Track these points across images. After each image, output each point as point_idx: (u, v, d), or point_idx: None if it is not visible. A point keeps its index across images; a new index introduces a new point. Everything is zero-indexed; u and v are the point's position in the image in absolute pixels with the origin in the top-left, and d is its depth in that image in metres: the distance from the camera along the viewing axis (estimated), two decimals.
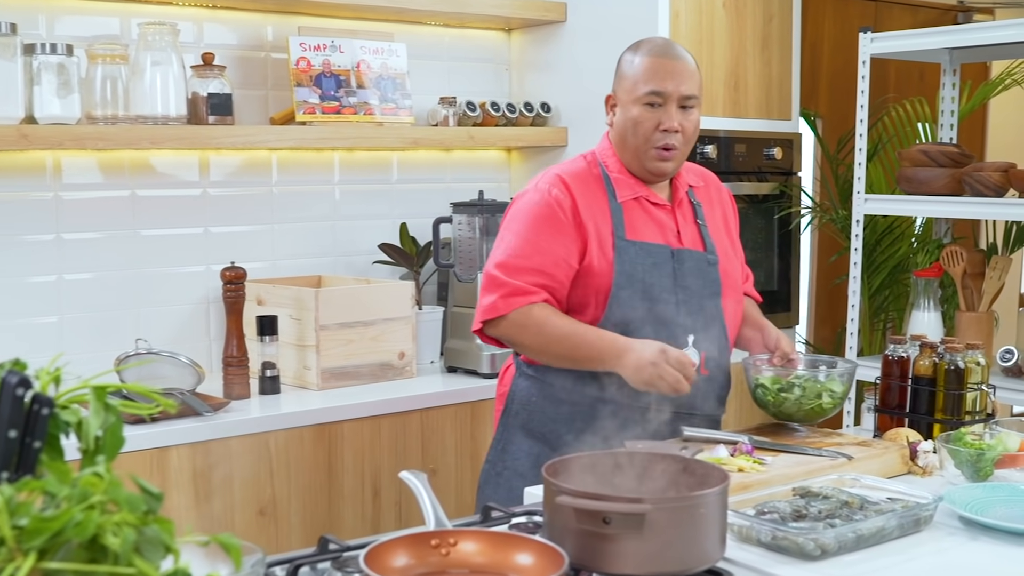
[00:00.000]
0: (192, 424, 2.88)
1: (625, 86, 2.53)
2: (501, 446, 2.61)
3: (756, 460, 2.24)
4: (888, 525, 1.90)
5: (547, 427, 2.53)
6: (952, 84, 3.93)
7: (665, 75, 2.49)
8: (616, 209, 2.51)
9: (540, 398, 2.55)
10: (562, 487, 1.67)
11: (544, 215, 2.48)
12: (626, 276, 2.47)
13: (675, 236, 2.56)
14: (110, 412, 1.34)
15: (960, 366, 2.52)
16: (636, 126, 2.50)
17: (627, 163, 2.56)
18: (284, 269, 3.70)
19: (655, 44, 2.55)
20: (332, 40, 3.58)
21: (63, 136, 3.01)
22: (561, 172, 2.55)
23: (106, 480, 1.20)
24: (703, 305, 2.55)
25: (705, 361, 2.53)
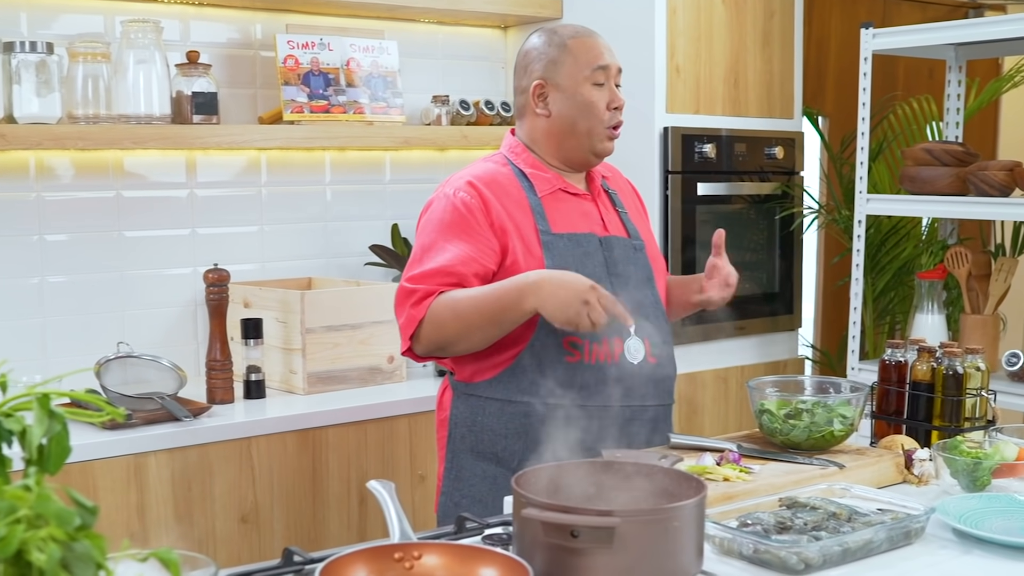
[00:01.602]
0: (171, 429, 2.82)
1: (566, 70, 2.43)
2: (454, 475, 2.49)
3: (743, 469, 2.16)
4: (876, 538, 1.83)
5: (498, 444, 2.42)
6: (958, 81, 3.85)
7: (603, 51, 2.45)
8: (536, 204, 2.42)
9: (484, 416, 2.43)
10: (529, 499, 1.60)
11: (450, 220, 2.38)
12: (557, 269, 2.35)
13: (600, 225, 2.48)
14: (55, 420, 1.29)
15: (959, 371, 2.44)
16: (590, 107, 2.43)
17: (567, 151, 2.47)
18: (274, 271, 3.64)
19: (574, 27, 2.50)
20: (321, 38, 3.52)
21: (42, 136, 2.95)
22: (469, 175, 2.45)
23: (35, 493, 1.14)
24: (639, 292, 2.47)
25: (650, 349, 2.43)
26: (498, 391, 2.40)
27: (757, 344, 4.06)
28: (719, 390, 3.92)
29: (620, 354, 2.38)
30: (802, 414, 2.30)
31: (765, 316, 4.05)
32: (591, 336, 2.34)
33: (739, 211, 3.95)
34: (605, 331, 2.31)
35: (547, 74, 2.45)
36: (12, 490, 1.13)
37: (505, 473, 2.37)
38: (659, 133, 3.69)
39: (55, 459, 1.28)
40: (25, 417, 1.25)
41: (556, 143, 2.48)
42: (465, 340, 2.34)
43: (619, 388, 2.38)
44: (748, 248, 4.00)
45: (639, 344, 2.40)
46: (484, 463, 2.44)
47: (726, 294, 2.56)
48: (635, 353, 2.39)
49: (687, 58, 3.73)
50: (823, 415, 2.29)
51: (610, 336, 2.36)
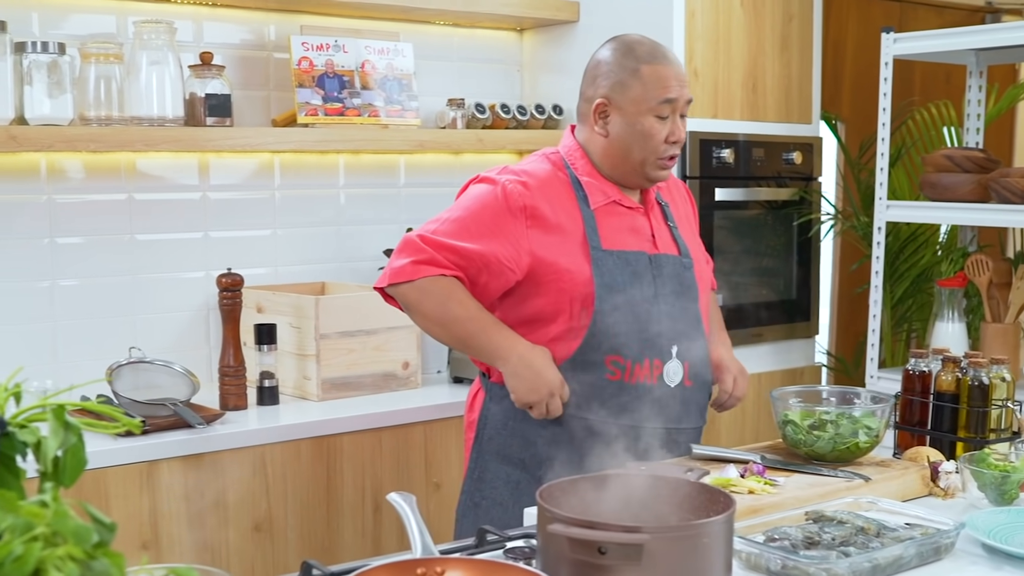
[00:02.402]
0: (184, 436, 2.78)
1: (631, 95, 2.37)
2: (476, 475, 2.48)
3: (768, 481, 2.12)
4: (906, 554, 1.79)
5: (527, 451, 2.41)
6: (979, 87, 3.81)
7: (674, 82, 2.38)
8: (588, 216, 2.39)
9: (516, 420, 2.41)
10: (556, 513, 1.56)
11: (491, 208, 2.34)
12: (606, 288, 2.34)
13: (650, 241, 2.45)
14: (71, 432, 1.26)
15: (984, 382, 2.40)
16: (647, 139, 2.38)
17: (620, 172, 2.43)
18: (287, 276, 3.60)
19: (652, 47, 2.41)
20: (336, 40, 3.48)
21: (54, 138, 2.92)
22: (525, 172, 2.40)
23: (52, 510, 1.11)
24: (683, 312, 2.44)
25: (688, 372, 2.42)
26: None
27: (774, 351, 4.02)
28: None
29: (659, 376, 2.38)
30: (826, 425, 2.27)
31: (782, 323, 4.01)
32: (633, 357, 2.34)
33: (756, 217, 3.91)
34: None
35: (612, 94, 2.39)
36: (28, 507, 1.10)
37: (528, 479, 2.37)
38: None
39: (71, 472, 1.25)
40: (40, 428, 1.22)
41: (610, 163, 2.43)
42: (429, 326, 2.39)
43: (654, 409, 2.37)
44: (765, 254, 3.96)
45: (678, 367, 2.40)
46: (509, 467, 2.43)
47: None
48: (673, 376, 2.40)
49: (705, 62, 3.69)
50: (848, 426, 2.26)
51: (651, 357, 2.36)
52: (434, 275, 2.30)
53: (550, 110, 3.91)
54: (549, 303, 2.36)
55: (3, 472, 1.19)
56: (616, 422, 2.33)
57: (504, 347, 2.31)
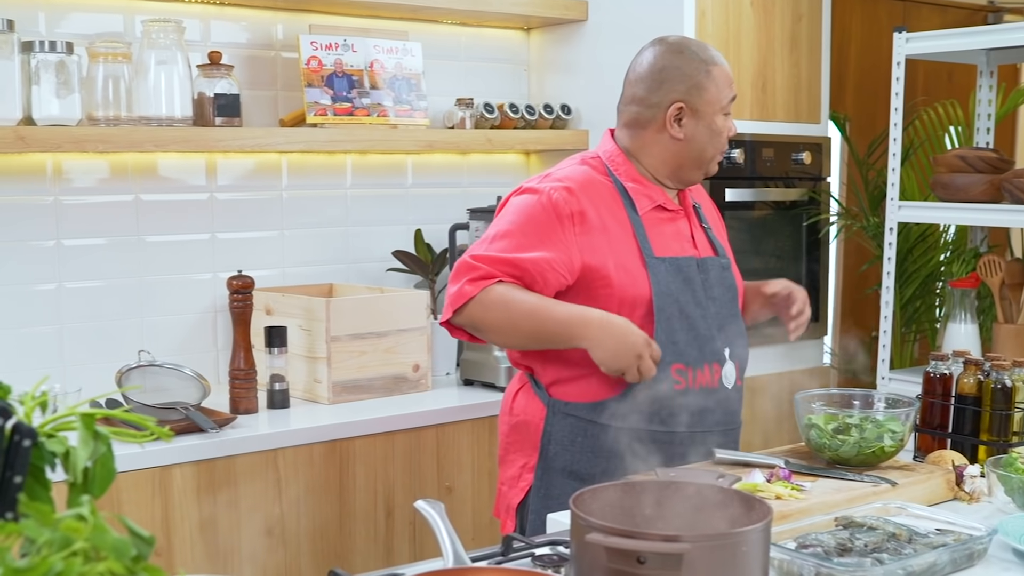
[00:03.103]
0: (196, 441, 2.75)
1: (708, 97, 2.40)
2: (543, 492, 2.43)
3: (794, 486, 2.10)
4: (940, 560, 1.77)
5: (597, 467, 2.37)
6: (989, 86, 3.79)
7: (731, 81, 2.46)
8: (637, 223, 2.39)
9: (586, 438, 2.39)
10: (592, 522, 1.53)
11: (538, 218, 2.33)
12: (663, 296, 2.35)
13: (691, 243, 2.47)
14: (100, 441, 1.23)
15: (1007, 384, 2.38)
16: (718, 137, 2.42)
17: (680, 173, 2.46)
18: (294, 277, 3.56)
19: (705, 47, 2.46)
20: (344, 39, 3.45)
21: (62, 138, 2.88)
22: (569, 178, 2.39)
23: (91, 523, 1.08)
24: (730, 313, 2.48)
25: (739, 372, 2.47)
26: (604, 416, 2.36)
27: (783, 352, 4.00)
28: (745, 398, 3.84)
29: (719, 380, 2.41)
30: (851, 429, 2.25)
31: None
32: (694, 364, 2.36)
33: (766, 217, 3.89)
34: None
35: (688, 97, 2.40)
36: (68, 521, 1.07)
37: None
38: None
39: (100, 482, 1.23)
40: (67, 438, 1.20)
41: (677, 164, 2.44)
42: (502, 336, 2.36)
43: (718, 413, 2.40)
44: (774, 255, 3.93)
45: (732, 368, 2.44)
46: (577, 483, 2.33)
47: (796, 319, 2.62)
48: (730, 377, 2.44)
49: None
50: (873, 430, 2.24)
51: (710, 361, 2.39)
52: (490, 285, 2.28)
53: (558, 110, 3.88)
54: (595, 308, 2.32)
55: (32, 484, 1.16)
56: (687, 431, 2.35)
57: (578, 322, 2.26)
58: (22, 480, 1.12)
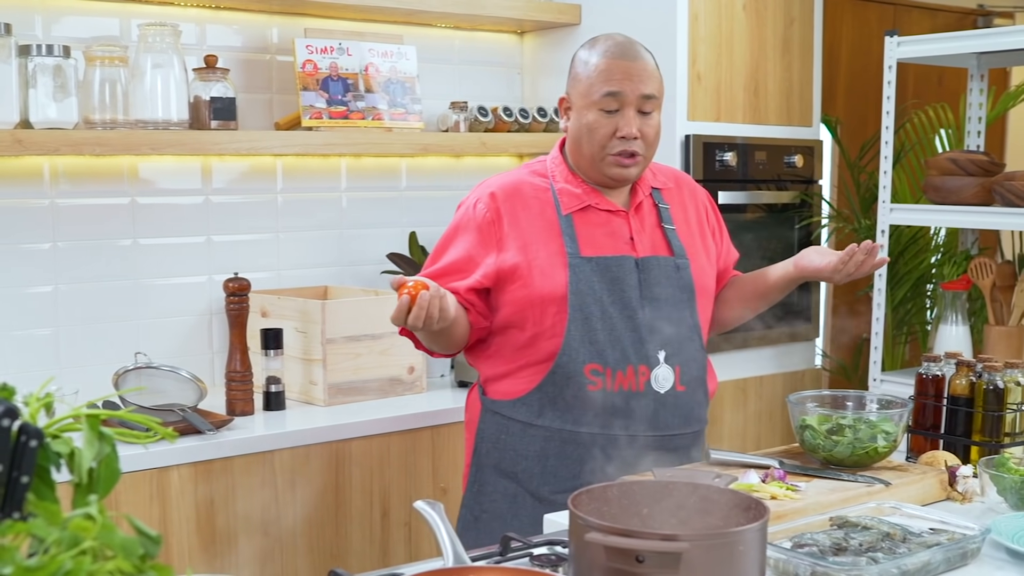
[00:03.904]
0: (193, 443, 2.76)
1: (579, 89, 2.38)
2: (476, 488, 2.47)
3: (789, 487, 2.12)
4: (934, 559, 1.79)
5: (519, 465, 2.40)
6: (980, 90, 3.81)
7: (622, 76, 2.34)
8: (565, 223, 2.38)
9: (508, 435, 2.41)
10: (591, 522, 1.55)
11: (463, 228, 2.43)
12: (580, 295, 2.34)
13: (628, 243, 2.41)
14: (104, 442, 1.24)
15: (999, 385, 2.40)
16: (591, 132, 2.36)
17: (583, 169, 2.43)
18: (289, 279, 3.57)
19: (612, 43, 2.39)
20: (339, 42, 3.46)
21: (59, 141, 2.89)
22: (495, 185, 2.45)
23: (99, 523, 1.09)
24: (675, 315, 2.41)
25: (680, 376, 2.40)
26: (521, 413, 2.39)
27: (775, 354, 4.02)
28: (737, 400, 3.87)
29: (646, 383, 2.35)
30: (845, 430, 2.26)
31: (782, 326, 4.01)
32: (614, 364, 2.33)
33: (758, 220, 3.91)
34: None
35: (569, 90, 2.43)
36: (76, 520, 1.08)
37: (524, 493, 2.38)
38: (680, 141, 3.64)
39: (105, 483, 1.24)
40: (72, 439, 1.21)
41: (575, 160, 2.45)
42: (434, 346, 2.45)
43: (642, 418, 2.34)
44: (766, 257, 3.94)
45: (668, 373, 2.37)
46: (506, 480, 2.42)
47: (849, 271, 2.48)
48: (663, 382, 2.37)
49: (708, 65, 3.69)
50: (866, 431, 2.25)
51: (636, 363, 2.34)
52: None
53: (552, 113, 3.89)
54: (516, 310, 2.37)
55: (38, 484, 1.17)
56: (604, 432, 2.33)
57: None
58: (29, 480, 1.12)
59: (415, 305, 2.17)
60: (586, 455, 2.31)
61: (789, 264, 2.54)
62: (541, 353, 2.36)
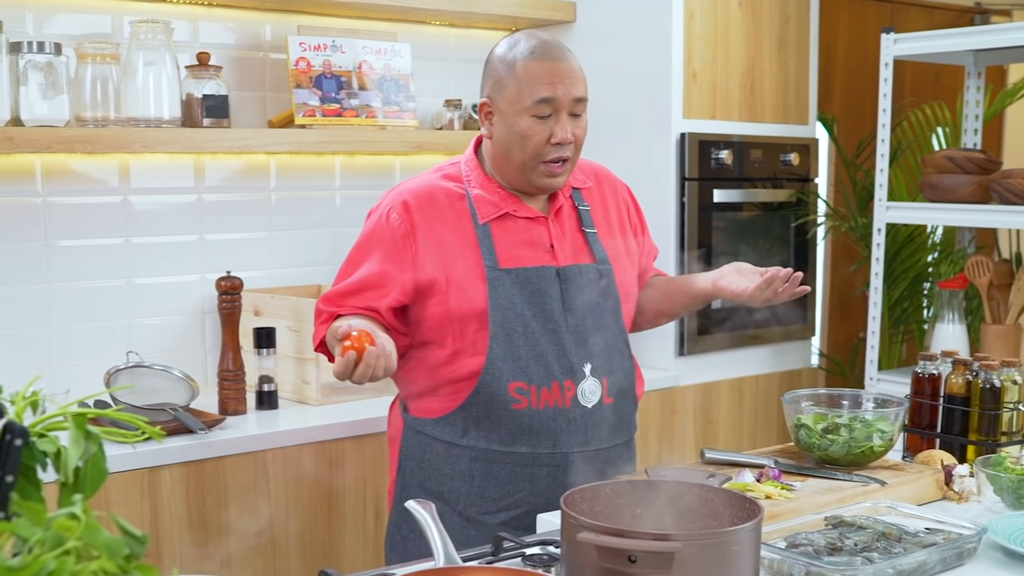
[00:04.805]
0: (185, 442, 2.74)
1: (507, 94, 2.22)
2: (401, 507, 2.34)
3: (784, 486, 2.11)
4: (930, 559, 1.78)
5: (445, 485, 2.29)
6: (977, 87, 3.80)
7: (555, 79, 2.20)
8: (481, 233, 2.26)
9: (432, 455, 2.30)
10: (583, 522, 1.54)
11: (376, 240, 2.28)
12: (501, 310, 2.22)
13: (548, 252, 2.29)
14: (91, 441, 1.23)
15: (996, 384, 2.39)
16: (524, 140, 2.21)
17: (508, 176, 2.29)
18: (283, 278, 3.56)
19: (537, 42, 2.24)
20: (333, 40, 3.45)
21: (50, 139, 2.87)
22: (408, 191, 2.30)
23: (83, 522, 1.08)
24: (600, 324, 2.30)
25: (608, 388, 2.30)
26: (445, 433, 2.28)
27: (771, 353, 4.01)
28: (733, 399, 3.86)
29: (572, 398, 2.25)
30: (840, 429, 2.25)
31: (778, 325, 4.00)
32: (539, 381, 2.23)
33: (754, 218, 3.90)
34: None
35: (492, 93, 2.26)
36: (60, 520, 1.07)
37: (451, 512, 2.27)
38: (676, 139, 3.63)
39: (91, 482, 1.23)
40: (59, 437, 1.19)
41: (498, 167, 2.30)
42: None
43: (570, 434, 2.25)
44: (763, 256, 3.94)
45: (595, 386, 2.28)
46: (432, 499, 2.26)
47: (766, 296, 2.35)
48: (590, 396, 2.27)
49: (704, 63, 3.67)
50: (862, 430, 2.24)
51: (561, 379, 2.24)
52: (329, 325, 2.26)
53: None
54: (435, 325, 2.26)
55: (23, 483, 1.16)
56: (532, 451, 2.23)
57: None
58: (14, 479, 1.12)
59: (362, 363, 2.01)
60: (514, 474, 2.23)
61: (708, 281, 2.43)
62: (463, 371, 2.24)
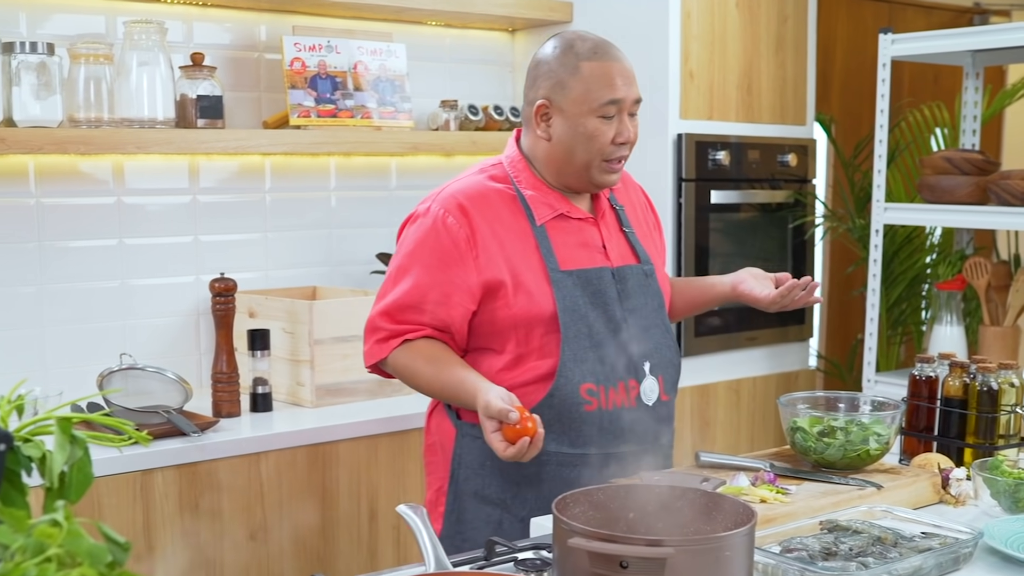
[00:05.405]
0: (178, 445, 2.73)
1: (573, 95, 2.21)
2: (455, 517, 2.33)
3: (779, 490, 2.09)
4: (926, 564, 1.76)
5: (508, 491, 2.27)
6: (975, 88, 3.79)
7: (620, 80, 2.22)
8: (540, 234, 2.25)
9: (495, 461, 2.25)
10: (574, 527, 1.52)
11: (432, 246, 2.22)
12: (569, 313, 2.21)
13: (601, 253, 2.30)
14: (77, 446, 1.22)
15: (993, 387, 2.37)
16: (591, 140, 2.21)
17: (565, 177, 2.28)
18: (277, 280, 3.54)
19: (596, 44, 2.24)
20: (328, 40, 3.43)
21: (43, 140, 2.86)
22: (460, 193, 2.25)
23: (65, 529, 1.06)
24: (651, 323, 2.32)
25: (664, 385, 2.31)
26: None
27: (768, 355, 3.99)
28: (731, 401, 3.85)
29: (636, 397, 2.27)
30: (836, 432, 2.23)
31: (776, 326, 3.98)
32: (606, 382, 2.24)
33: (751, 219, 3.88)
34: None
35: (552, 95, 2.24)
36: (42, 527, 1.05)
37: (511, 519, 2.26)
38: (673, 140, 3.62)
39: (77, 487, 1.22)
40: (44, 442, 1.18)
41: (555, 168, 2.28)
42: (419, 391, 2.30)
43: (636, 432, 2.26)
44: (760, 257, 3.93)
45: (654, 384, 2.30)
46: (489, 507, 2.29)
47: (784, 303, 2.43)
48: (650, 394, 2.29)
49: (701, 64, 3.66)
50: (858, 433, 2.23)
51: (626, 379, 2.26)
52: (394, 349, 2.24)
53: None
54: (497, 330, 2.24)
55: (8, 489, 1.15)
56: (601, 451, 2.23)
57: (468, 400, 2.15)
58: None
59: (532, 446, 2.04)
60: (582, 476, 2.21)
61: (727, 285, 2.49)
62: (529, 375, 2.23)
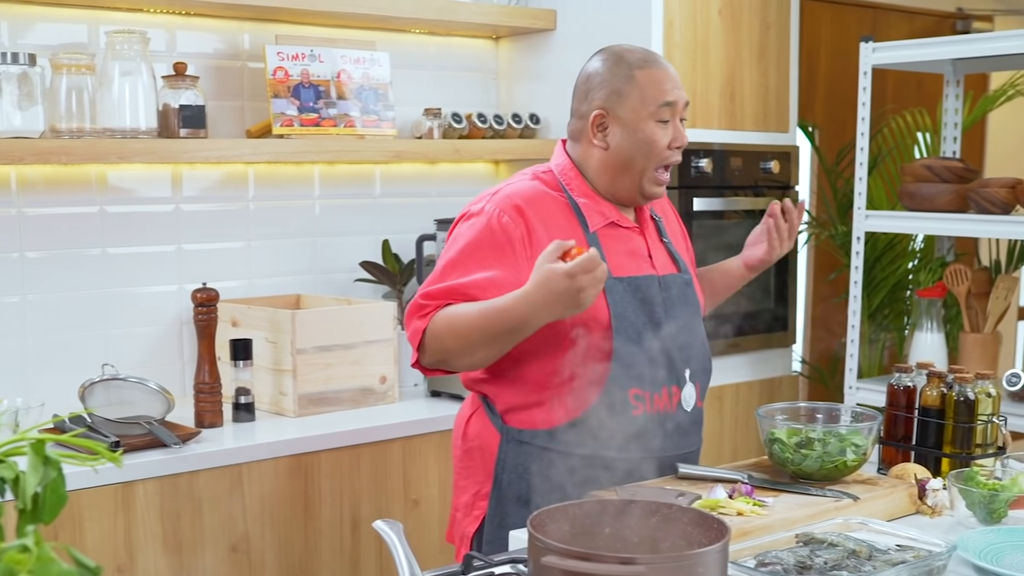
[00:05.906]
0: (160, 456, 2.72)
1: (630, 103, 2.28)
2: (497, 521, 2.35)
3: (756, 502, 2.10)
4: None
5: (553, 495, 2.25)
6: (956, 96, 3.80)
7: (672, 85, 2.30)
8: (592, 241, 2.29)
9: (541, 465, 2.28)
10: (548, 544, 1.53)
11: (487, 243, 2.25)
12: (620, 319, 2.26)
13: (648, 262, 2.36)
14: (50, 467, 1.22)
15: (970, 397, 2.38)
16: (651, 146, 2.29)
17: (619, 186, 2.34)
18: (261, 288, 3.54)
19: (644, 53, 2.33)
20: (311, 49, 3.43)
21: (25, 150, 2.85)
22: (516, 195, 2.29)
23: (34, 554, 1.07)
24: (692, 331, 2.38)
25: (699, 393, 2.39)
26: (559, 443, 2.27)
27: (751, 361, 4.00)
28: (713, 408, 3.85)
29: (678, 403, 2.33)
30: (814, 443, 2.24)
31: (759, 333, 3.99)
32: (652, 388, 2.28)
33: (735, 226, 3.89)
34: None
35: (609, 104, 2.30)
36: (11, 553, 1.06)
37: None
38: None
39: (50, 508, 1.22)
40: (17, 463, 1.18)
41: (609, 177, 2.33)
42: (466, 357, 2.24)
43: (676, 437, 2.32)
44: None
45: (692, 390, 2.36)
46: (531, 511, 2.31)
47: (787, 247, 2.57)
48: (689, 400, 2.35)
49: (683, 72, 3.66)
50: (836, 444, 2.24)
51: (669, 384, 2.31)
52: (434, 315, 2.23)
53: (527, 119, 3.87)
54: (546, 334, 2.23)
55: None
56: (646, 456, 2.26)
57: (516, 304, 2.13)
58: None
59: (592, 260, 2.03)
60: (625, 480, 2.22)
61: (738, 264, 2.65)
62: (580, 379, 2.25)
